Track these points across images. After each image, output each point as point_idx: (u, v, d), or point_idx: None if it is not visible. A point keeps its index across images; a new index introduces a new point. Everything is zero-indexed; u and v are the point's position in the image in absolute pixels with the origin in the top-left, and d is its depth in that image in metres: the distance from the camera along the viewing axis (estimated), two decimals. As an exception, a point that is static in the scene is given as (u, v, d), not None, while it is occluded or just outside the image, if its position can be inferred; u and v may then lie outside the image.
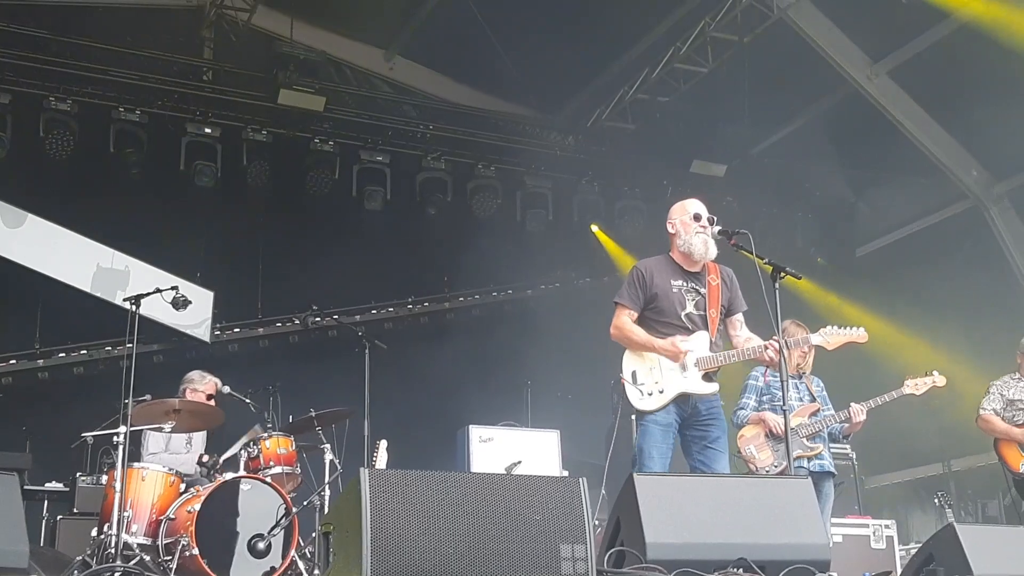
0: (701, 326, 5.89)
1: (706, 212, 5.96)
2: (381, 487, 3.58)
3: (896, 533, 8.41)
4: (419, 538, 3.57)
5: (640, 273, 5.96)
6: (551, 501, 3.83)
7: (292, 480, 7.53)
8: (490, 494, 3.75)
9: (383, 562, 3.48)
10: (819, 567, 4.32)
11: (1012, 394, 7.51)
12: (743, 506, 4.42)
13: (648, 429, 5.75)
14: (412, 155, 12.01)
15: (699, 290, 5.94)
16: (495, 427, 8.80)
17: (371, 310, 12.08)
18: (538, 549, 3.73)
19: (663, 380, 5.75)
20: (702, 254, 5.90)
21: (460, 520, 3.66)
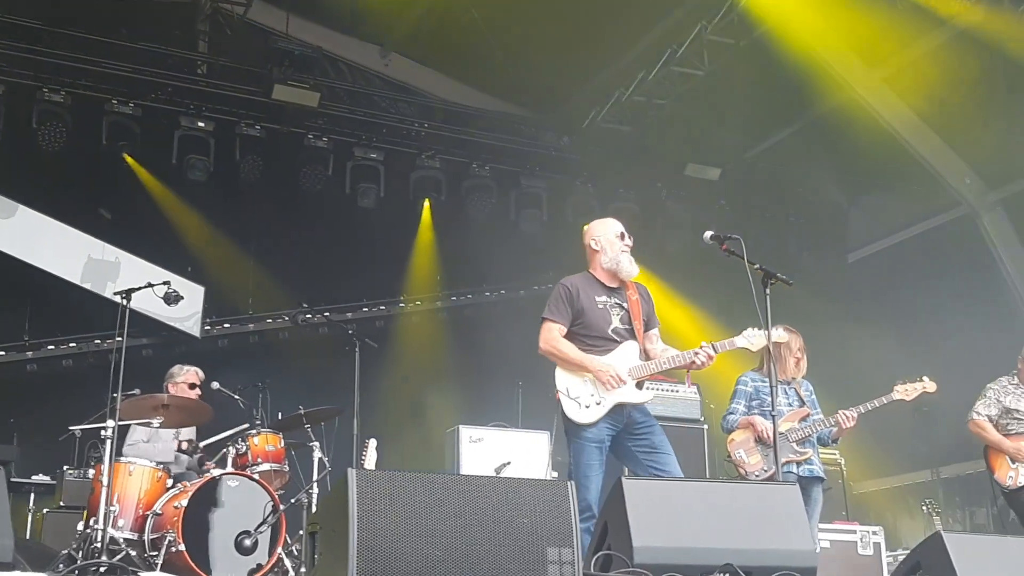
0: (629, 338, 5.95)
1: (626, 230, 6.11)
2: (368, 487, 3.57)
3: (884, 540, 8.43)
4: (405, 539, 3.56)
5: (567, 289, 6.01)
6: (538, 504, 3.83)
7: (280, 477, 7.53)
8: (477, 496, 3.74)
9: (369, 563, 3.47)
10: (805, 574, 4.33)
11: (1010, 402, 7.47)
12: (731, 511, 4.43)
13: (584, 447, 5.73)
14: (407, 153, 12.00)
15: (622, 305, 6.03)
16: (485, 428, 8.81)
17: (362, 308, 12.08)
18: (525, 552, 3.73)
19: (599, 392, 5.77)
20: (629, 272, 6.03)
21: (447, 522, 3.65)
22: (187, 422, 7.54)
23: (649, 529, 4.24)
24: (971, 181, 12.41)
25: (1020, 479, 7.29)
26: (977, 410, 7.56)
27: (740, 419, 7.14)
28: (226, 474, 6.95)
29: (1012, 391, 7.51)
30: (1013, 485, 7.31)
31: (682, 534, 4.29)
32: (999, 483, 7.41)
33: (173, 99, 10.90)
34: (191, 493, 6.69)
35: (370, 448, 7.52)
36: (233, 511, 6.79)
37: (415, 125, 12.05)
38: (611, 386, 5.72)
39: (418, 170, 11.99)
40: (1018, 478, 7.29)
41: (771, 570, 4.23)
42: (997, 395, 7.54)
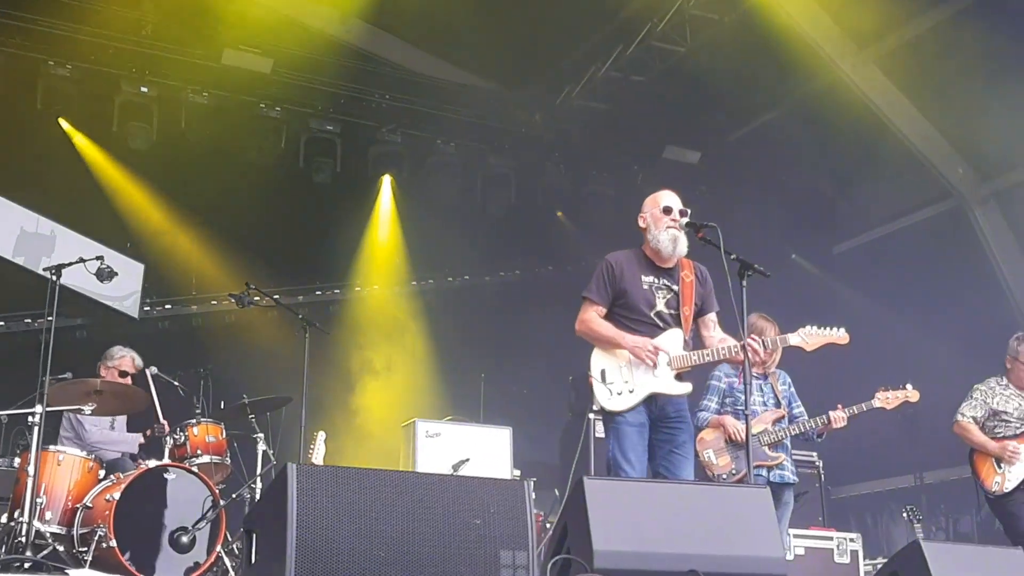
0: (673, 324, 5.91)
1: (679, 205, 5.97)
2: (309, 484, 3.55)
3: (862, 547, 8.50)
4: (349, 540, 3.55)
5: (610, 267, 5.96)
6: (493, 504, 3.83)
7: (221, 471, 7.50)
8: (428, 495, 3.73)
9: (309, 565, 3.46)
10: (774, 582, 4.36)
11: (997, 403, 7.54)
12: (697, 515, 4.44)
13: (623, 431, 5.73)
14: (366, 126, 11.95)
15: (671, 287, 5.96)
16: (444, 422, 8.80)
17: (315, 291, 12.03)
18: (477, 555, 3.73)
19: (633, 379, 5.76)
20: (669, 252, 5.91)
21: (394, 522, 3.64)
22: (121, 409, 7.50)
23: (611, 532, 4.25)
24: (964, 172, 12.50)
25: (1007, 485, 7.36)
26: (962, 411, 7.63)
27: (711, 417, 7.18)
28: (163, 466, 6.91)
29: (1000, 392, 7.58)
30: (999, 491, 7.39)
31: (645, 538, 4.29)
32: (985, 489, 7.48)
33: (115, 62, 10.76)
34: (125, 485, 6.63)
35: (318, 441, 7.50)
36: (170, 506, 6.75)
37: (376, 96, 11.97)
38: (649, 362, 5.70)
39: (378, 145, 11.94)
40: (1004, 484, 7.37)
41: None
42: (984, 396, 7.60)
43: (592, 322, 5.89)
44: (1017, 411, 7.50)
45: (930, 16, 10.98)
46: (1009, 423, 7.50)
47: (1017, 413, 7.50)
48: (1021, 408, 7.52)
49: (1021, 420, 7.48)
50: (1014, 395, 7.56)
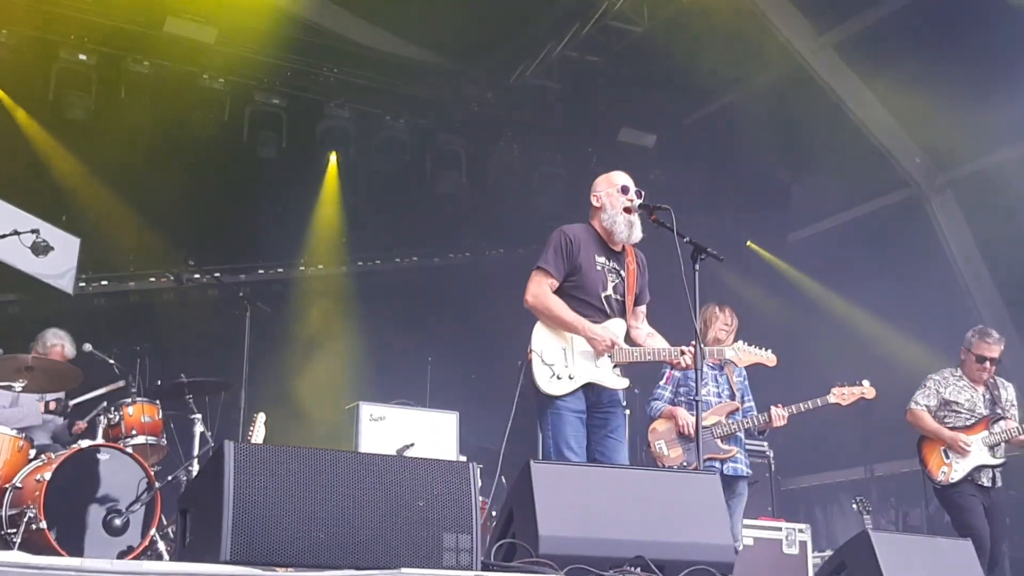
0: (618, 312, 5.89)
1: (633, 185, 5.95)
2: (247, 462, 3.52)
3: (811, 538, 8.61)
4: (287, 520, 3.53)
5: (567, 239, 5.85)
6: (437, 486, 3.82)
7: (157, 452, 7.45)
8: (369, 476, 3.71)
9: (245, 545, 3.43)
10: (721, 569, 4.39)
11: (950, 394, 7.65)
12: (646, 501, 4.47)
13: (564, 417, 5.69)
14: (313, 100, 11.85)
15: (620, 272, 5.94)
16: (389, 405, 8.78)
17: (257, 269, 11.94)
18: (420, 538, 3.72)
19: (574, 365, 5.72)
20: (624, 236, 5.89)
21: (334, 502, 3.62)
22: (53, 387, 7.41)
23: (557, 517, 4.26)
24: (921, 161, 12.65)
25: (953, 475, 7.48)
26: (916, 400, 7.73)
27: (664, 408, 7.22)
28: (96, 446, 6.84)
29: (953, 383, 7.70)
30: (945, 481, 7.51)
31: (592, 523, 4.31)
32: (932, 479, 7.60)
33: (51, 28, 10.57)
34: (56, 465, 6.56)
35: (258, 423, 7.45)
36: (103, 487, 6.70)
37: (323, 70, 11.87)
38: (604, 354, 5.67)
39: (325, 120, 11.86)
40: (951, 474, 7.49)
41: (685, 564, 4.28)
42: (937, 386, 7.72)
43: (548, 298, 5.77)
44: (968, 402, 7.63)
45: (889, 3, 11.08)
46: (960, 414, 7.62)
47: (968, 405, 7.63)
48: (972, 400, 7.65)
49: (971, 412, 7.61)
50: (966, 387, 7.69)
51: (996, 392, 7.68)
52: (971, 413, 7.61)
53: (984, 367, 7.62)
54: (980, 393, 7.68)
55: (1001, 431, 7.50)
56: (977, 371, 7.65)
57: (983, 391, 7.69)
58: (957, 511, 7.53)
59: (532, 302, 5.83)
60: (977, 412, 7.61)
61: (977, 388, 7.69)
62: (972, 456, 7.48)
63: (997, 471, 7.57)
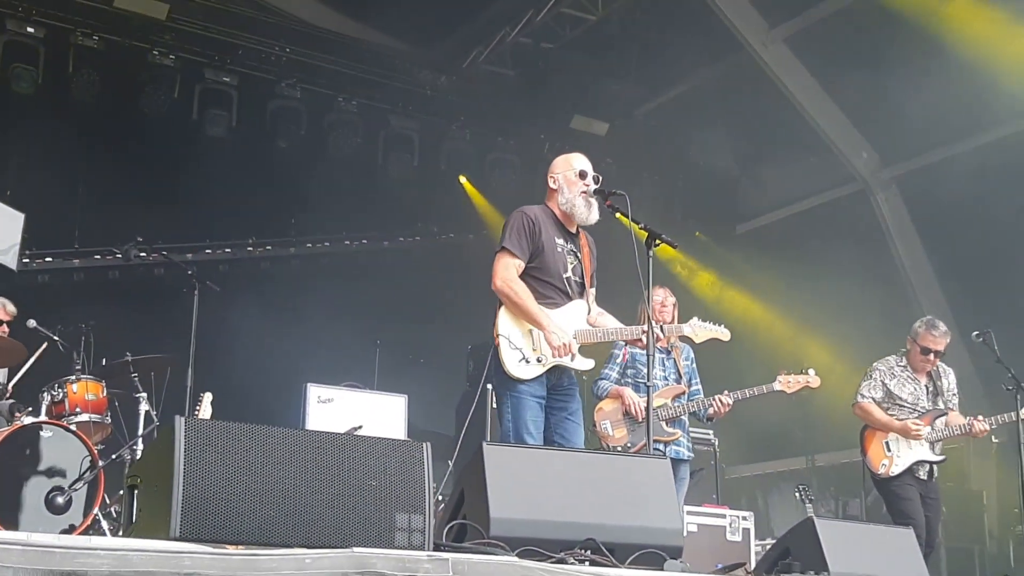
0: (578, 293, 5.90)
1: (591, 170, 5.94)
2: (198, 438, 3.46)
3: (753, 526, 8.68)
4: (237, 497, 3.47)
5: (529, 220, 5.81)
6: (390, 466, 3.77)
7: (101, 430, 7.34)
8: (322, 454, 3.66)
9: (194, 522, 3.37)
10: (671, 553, 4.40)
11: (894, 386, 7.69)
12: (597, 484, 4.46)
13: (525, 402, 5.67)
14: (264, 79, 11.74)
15: (577, 254, 5.94)
16: (337, 387, 8.72)
17: (205, 249, 11.80)
18: (371, 517, 3.68)
19: (542, 348, 5.71)
20: (584, 217, 5.87)
21: (285, 480, 3.57)
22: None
23: (509, 499, 4.24)
24: (868, 156, 12.78)
25: (894, 468, 7.55)
26: (863, 392, 7.77)
27: (612, 388, 7.22)
28: (39, 423, 6.72)
29: (898, 374, 7.74)
30: (885, 474, 7.57)
31: (544, 506, 4.30)
32: (872, 470, 7.67)
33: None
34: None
35: (204, 403, 7.38)
36: (46, 465, 6.61)
37: (276, 49, 11.75)
38: (559, 355, 5.66)
39: (276, 99, 11.75)
40: (891, 467, 7.56)
41: (636, 548, 4.28)
42: (883, 376, 7.75)
43: (516, 284, 5.71)
44: (911, 396, 7.69)
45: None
46: (903, 408, 7.68)
47: (911, 399, 7.68)
48: (915, 394, 7.70)
49: (914, 407, 7.67)
50: (909, 379, 7.73)
51: (939, 382, 7.76)
52: (914, 408, 7.67)
53: (929, 359, 7.69)
54: (923, 385, 7.75)
55: (943, 428, 7.59)
56: (921, 362, 7.72)
57: (926, 382, 7.76)
58: (896, 500, 7.61)
59: (500, 286, 5.76)
60: (920, 407, 7.67)
61: (920, 379, 7.75)
62: (914, 451, 7.55)
63: (935, 466, 7.66)
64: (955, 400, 7.78)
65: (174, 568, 3.14)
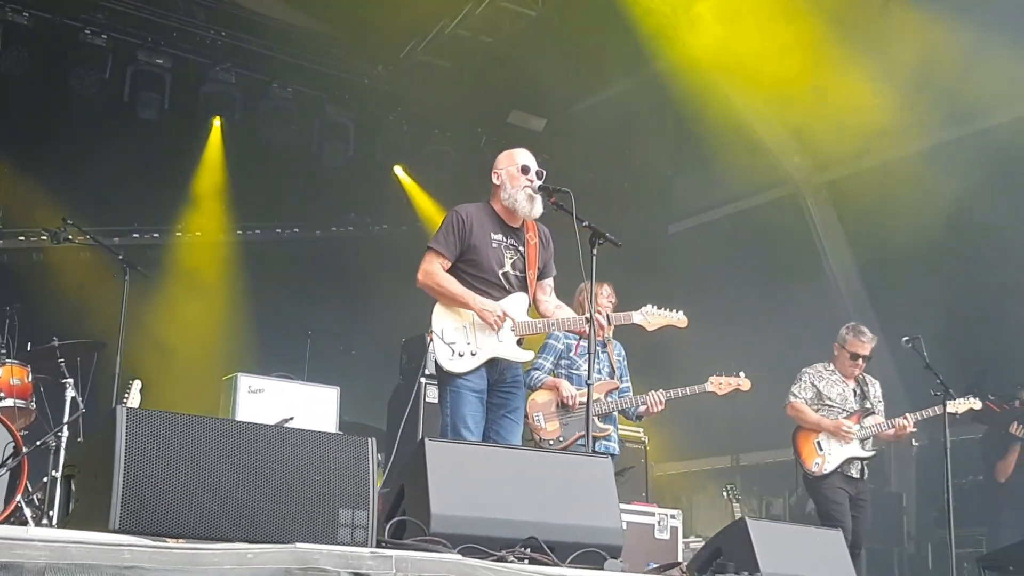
0: (518, 287, 5.90)
1: (535, 165, 5.96)
2: (140, 428, 3.39)
3: (681, 524, 8.75)
4: (179, 489, 3.41)
5: (460, 218, 5.86)
6: (334, 461, 3.74)
7: (25, 416, 7.19)
8: (266, 448, 3.62)
9: (135, 514, 3.31)
10: (611, 552, 4.42)
11: (823, 387, 7.88)
12: (539, 482, 4.46)
13: (464, 396, 5.69)
14: (198, 62, 11.57)
15: (518, 248, 5.95)
16: (268, 378, 8.62)
17: (133, 233, 11.58)
18: (315, 512, 3.64)
19: (476, 341, 5.72)
20: (526, 212, 5.89)
21: (229, 473, 3.52)
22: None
23: (450, 496, 4.23)
24: (800, 160, 12.95)
25: (826, 467, 7.69)
26: (794, 393, 7.93)
27: (546, 379, 7.19)
28: (-40, 408, 6.56)
29: (827, 377, 7.93)
30: (818, 472, 7.72)
31: (485, 503, 4.29)
32: (804, 469, 7.80)
33: (-78, -30, 10.10)
34: (-85, 428, 6.26)
35: (133, 391, 7.24)
36: (-35, 451, 6.40)
37: (211, 32, 11.56)
38: (496, 327, 5.65)
39: (210, 83, 11.59)
40: (823, 466, 7.70)
41: (576, 546, 4.29)
42: (812, 379, 7.94)
43: (438, 276, 5.78)
44: (839, 397, 7.87)
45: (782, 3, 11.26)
46: (832, 408, 7.84)
47: (840, 399, 7.86)
48: (843, 395, 7.88)
49: (842, 407, 7.84)
50: (838, 381, 7.92)
51: (866, 388, 7.95)
52: (842, 408, 7.83)
53: (856, 364, 7.87)
54: (851, 388, 7.93)
55: (872, 425, 7.76)
56: (849, 367, 7.89)
57: (853, 386, 7.94)
58: (825, 503, 7.76)
59: (423, 280, 5.83)
60: (848, 406, 7.85)
61: (848, 383, 7.93)
62: (845, 448, 7.70)
63: (865, 463, 7.82)
64: (881, 406, 7.98)
65: (114, 561, 3.07)
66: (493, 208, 5.98)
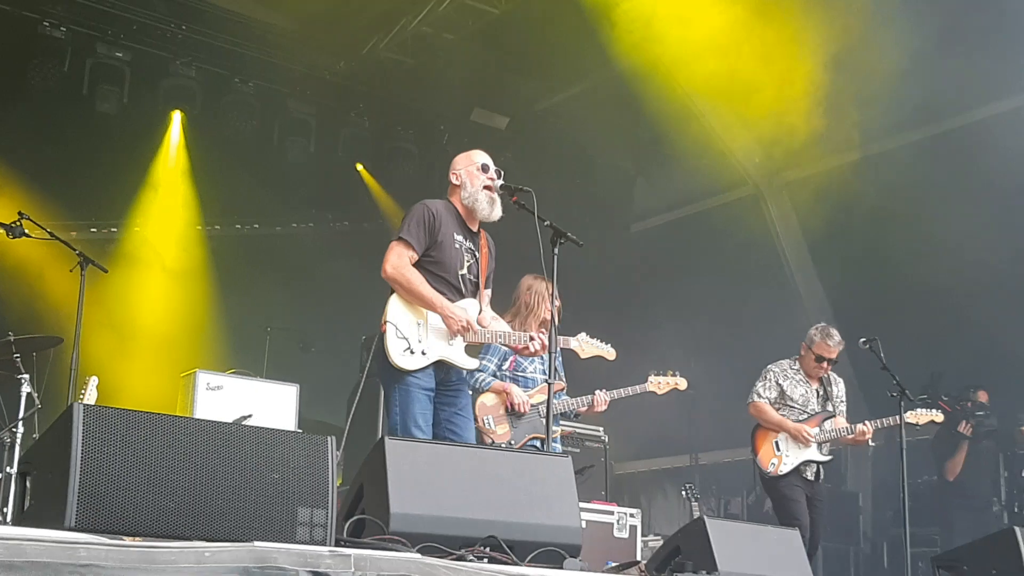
0: (471, 292, 5.90)
1: (493, 164, 5.96)
2: (97, 426, 3.36)
3: (640, 523, 8.78)
4: (136, 487, 3.39)
5: (431, 213, 5.81)
6: (293, 459, 3.73)
7: (-22, 413, 7.07)
8: (225, 445, 3.60)
9: (91, 511, 3.28)
10: (570, 551, 4.43)
11: (788, 387, 7.91)
12: (499, 481, 4.47)
13: (413, 394, 5.67)
14: (159, 56, 11.45)
15: (475, 253, 5.95)
16: (226, 375, 8.57)
17: (91, 228, 11.46)
18: (273, 511, 3.63)
19: (427, 341, 5.71)
20: (486, 214, 5.88)
21: (186, 471, 3.49)
22: None
23: (410, 494, 4.22)
24: (760, 161, 13.02)
25: (782, 468, 7.75)
26: (758, 391, 7.96)
27: (493, 381, 7.13)
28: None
29: (791, 376, 7.97)
30: (775, 472, 7.78)
31: (445, 502, 4.29)
32: (761, 468, 7.86)
33: None
34: None
35: (90, 387, 7.17)
36: (-83, 448, 6.33)
37: (171, 26, 11.45)
38: (462, 335, 5.67)
39: (170, 78, 11.48)
40: (780, 466, 7.76)
41: (536, 545, 4.30)
42: (776, 377, 7.97)
43: (408, 271, 5.71)
44: (802, 399, 7.92)
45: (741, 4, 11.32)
46: (794, 409, 7.90)
47: (802, 401, 7.91)
48: (806, 396, 7.94)
49: (804, 409, 7.89)
50: (802, 381, 7.97)
51: (829, 388, 8.01)
52: (803, 410, 7.88)
53: (821, 366, 7.93)
54: (814, 389, 7.98)
55: (831, 430, 7.82)
56: (814, 368, 7.95)
57: (817, 387, 8.00)
58: (782, 501, 7.82)
59: (391, 273, 5.74)
60: (810, 409, 7.90)
61: (812, 383, 7.99)
62: (802, 451, 7.76)
63: (822, 466, 7.89)
64: (843, 407, 8.04)
65: (69, 559, 3.05)
66: (455, 207, 5.96)
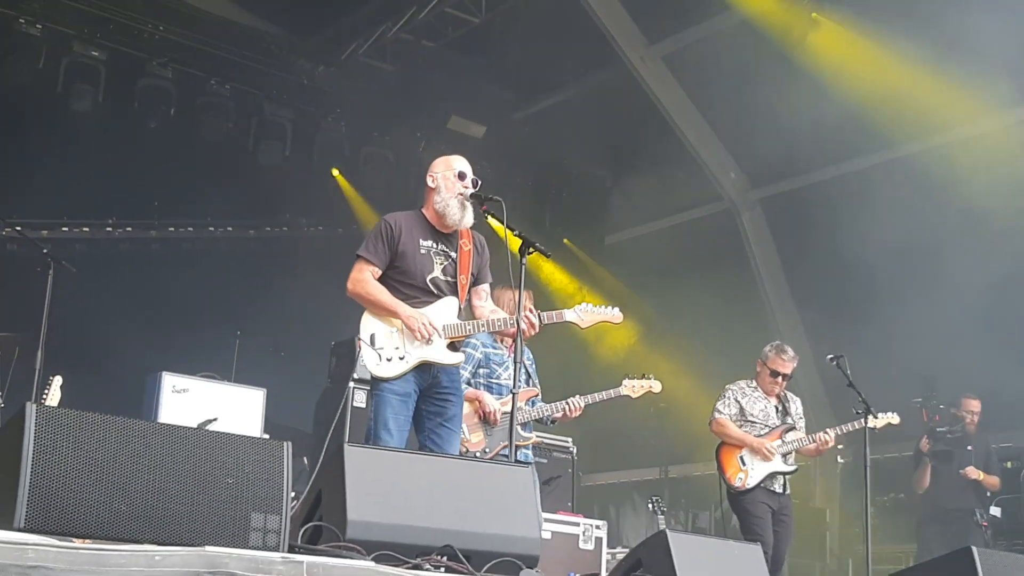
0: (448, 292, 5.89)
1: (471, 173, 5.96)
2: (49, 427, 3.33)
3: (606, 535, 8.77)
4: (88, 489, 3.35)
5: (388, 226, 5.85)
6: (248, 464, 3.70)
7: (-61, 410, 7.02)
8: (178, 449, 3.57)
9: (41, 513, 3.25)
10: (527, 562, 4.41)
11: (746, 403, 7.98)
12: (458, 490, 4.44)
13: (385, 398, 5.68)
14: (135, 56, 11.43)
15: (449, 254, 5.93)
16: (193, 377, 8.52)
17: (62, 227, 11.41)
18: (226, 515, 3.60)
19: (404, 346, 5.71)
20: (456, 220, 5.86)
21: (139, 474, 3.46)
22: None
23: (367, 502, 4.20)
24: (736, 176, 13.10)
25: (749, 481, 7.79)
26: (719, 409, 8.03)
27: (466, 390, 7.13)
28: None
29: (749, 393, 8.04)
30: (741, 487, 7.81)
31: (403, 510, 4.26)
32: (728, 483, 7.89)
33: None
34: None
35: (54, 386, 7.13)
36: None
37: (148, 26, 11.44)
38: (421, 336, 5.64)
39: (146, 77, 11.45)
40: (747, 480, 7.79)
41: (493, 555, 4.28)
42: (735, 395, 8.05)
43: (367, 284, 5.77)
44: (762, 414, 7.98)
45: (718, 23, 11.40)
46: (755, 424, 7.95)
47: (762, 416, 7.97)
48: (765, 411, 8.00)
49: (764, 423, 7.95)
50: (760, 398, 8.03)
51: (787, 404, 8.08)
52: (764, 424, 7.94)
53: (777, 381, 8.01)
54: (772, 404, 8.05)
55: (793, 440, 7.88)
56: (770, 384, 8.02)
57: (775, 402, 8.06)
58: (746, 517, 7.85)
59: (352, 288, 5.82)
60: (770, 423, 7.96)
61: (770, 399, 8.05)
62: (767, 464, 7.80)
63: (787, 478, 7.93)
64: (802, 423, 8.10)
65: (17, 560, 3.03)
66: (424, 215, 5.96)
